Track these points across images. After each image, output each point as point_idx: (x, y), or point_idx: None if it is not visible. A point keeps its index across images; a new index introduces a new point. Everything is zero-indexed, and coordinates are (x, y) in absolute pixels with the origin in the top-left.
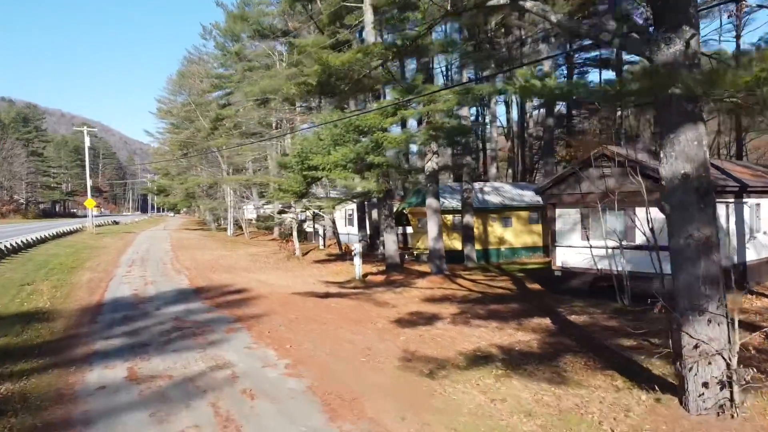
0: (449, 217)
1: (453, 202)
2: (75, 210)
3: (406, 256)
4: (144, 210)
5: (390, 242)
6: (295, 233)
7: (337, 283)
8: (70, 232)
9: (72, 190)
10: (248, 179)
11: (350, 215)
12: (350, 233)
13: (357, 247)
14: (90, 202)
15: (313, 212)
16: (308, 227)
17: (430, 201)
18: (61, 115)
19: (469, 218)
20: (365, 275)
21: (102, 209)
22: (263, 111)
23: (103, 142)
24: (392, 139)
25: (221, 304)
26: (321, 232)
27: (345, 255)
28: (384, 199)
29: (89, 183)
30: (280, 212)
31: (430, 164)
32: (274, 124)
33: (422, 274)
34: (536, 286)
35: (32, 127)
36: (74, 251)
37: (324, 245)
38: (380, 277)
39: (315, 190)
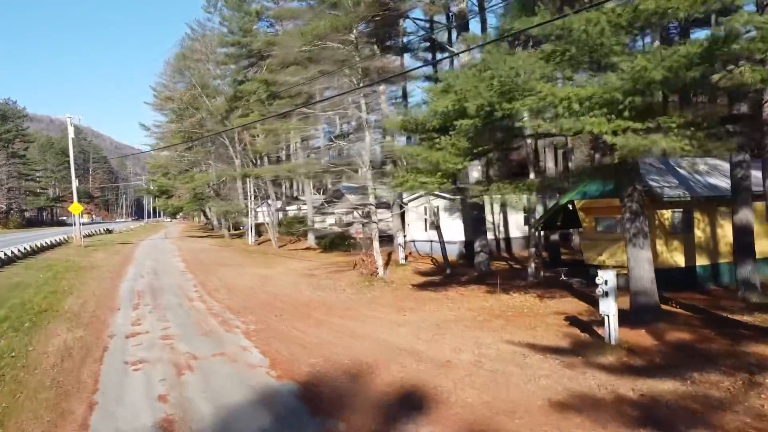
0: (665, 213)
1: (670, 189)
2: (64, 218)
3: (564, 276)
4: (139, 216)
5: (641, 259)
6: (376, 244)
7: (566, 354)
8: (52, 246)
9: (59, 196)
10: (313, 167)
11: (435, 216)
12: (434, 239)
13: (609, 277)
14: (76, 207)
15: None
16: (355, 232)
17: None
18: (50, 121)
19: (745, 214)
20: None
21: (93, 216)
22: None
23: (93, 145)
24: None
25: None
26: (401, 240)
27: (446, 273)
28: (631, 177)
29: (75, 183)
30: (361, 217)
31: None
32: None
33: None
34: None
35: (12, 126)
36: (51, 277)
37: (405, 258)
38: (647, 339)
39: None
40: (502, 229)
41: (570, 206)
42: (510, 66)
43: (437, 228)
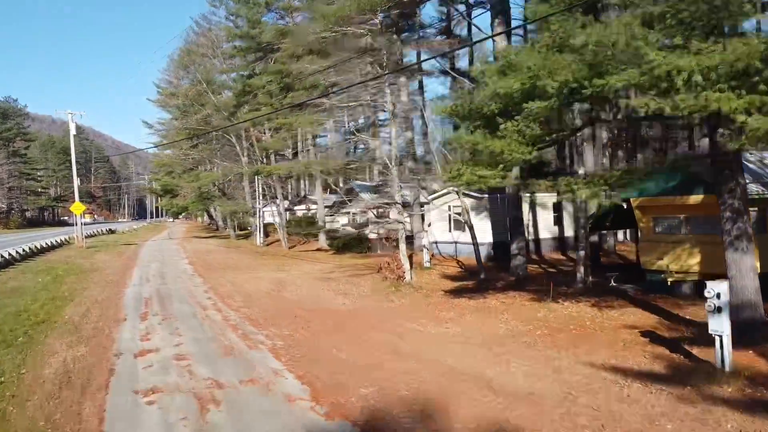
0: None
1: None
2: (66, 218)
3: (615, 282)
4: (141, 216)
5: (744, 266)
6: (403, 246)
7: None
8: (53, 247)
9: (61, 195)
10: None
11: (458, 215)
12: (459, 241)
13: (722, 290)
14: (78, 207)
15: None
16: (371, 233)
17: None
18: (52, 122)
19: None
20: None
21: (95, 216)
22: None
23: (95, 145)
24: None
25: None
26: (425, 241)
27: (480, 277)
28: (733, 170)
29: (76, 182)
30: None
31: None
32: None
33: None
34: None
35: (12, 124)
36: (51, 281)
37: (429, 261)
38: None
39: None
40: (531, 229)
41: (624, 205)
42: (599, 34)
43: (470, 228)
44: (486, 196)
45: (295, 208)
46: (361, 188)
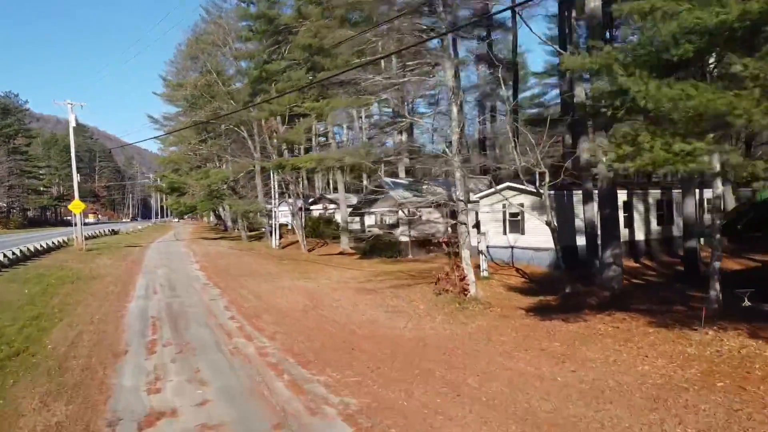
0: None
1: None
2: (69, 217)
3: (749, 301)
4: (145, 216)
5: None
6: (466, 253)
7: None
8: (49, 250)
9: (63, 194)
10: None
11: (514, 215)
12: (516, 245)
13: None
14: (77, 205)
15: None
16: (402, 235)
17: None
18: (57, 122)
19: None
20: None
21: (99, 216)
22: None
23: (100, 144)
24: None
25: None
26: (482, 245)
27: (564, 290)
28: None
29: (76, 178)
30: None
31: None
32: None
33: None
34: None
35: (13, 120)
36: (40, 292)
37: (486, 269)
38: None
39: None
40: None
41: None
42: None
43: (552, 230)
44: (551, 192)
45: (312, 207)
46: (391, 185)
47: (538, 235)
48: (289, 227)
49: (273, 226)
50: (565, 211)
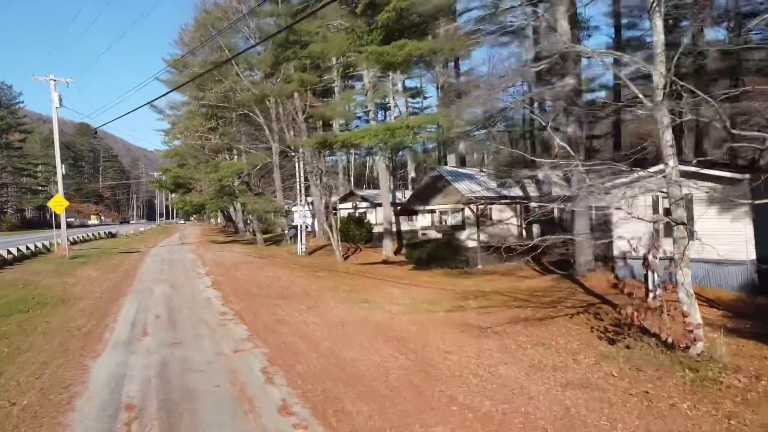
0: None
1: None
2: (71, 219)
3: None
4: (150, 218)
5: None
6: (686, 275)
7: None
8: (23, 258)
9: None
10: None
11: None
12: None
13: None
14: (58, 202)
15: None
16: (470, 239)
17: None
18: (63, 124)
19: None
20: None
21: (102, 217)
22: None
23: (104, 143)
24: None
25: None
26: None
27: None
28: None
29: (60, 169)
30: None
31: None
32: None
33: None
34: None
35: (5, 113)
36: None
37: (654, 295)
38: None
39: None
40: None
41: None
42: None
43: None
44: (746, 176)
45: (340, 206)
46: (453, 176)
47: (721, 241)
48: (309, 230)
49: (299, 228)
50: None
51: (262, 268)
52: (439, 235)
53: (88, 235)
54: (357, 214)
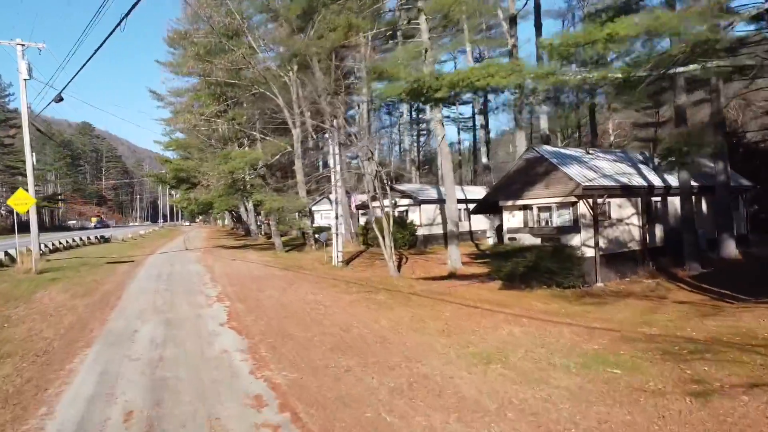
0: None
1: None
2: (73, 221)
3: None
4: (155, 219)
5: None
6: None
7: None
8: None
9: (54, 193)
10: None
11: None
12: None
13: None
14: (21, 199)
15: None
16: (585, 245)
17: None
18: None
19: None
20: None
21: (104, 219)
22: None
23: (107, 143)
24: None
25: None
26: None
27: None
28: None
29: (30, 158)
30: None
31: None
32: None
33: None
34: None
35: None
36: None
37: None
38: None
39: None
40: None
41: None
42: None
43: None
44: None
45: (373, 204)
46: (560, 158)
47: None
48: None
49: (336, 230)
50: None
51: (294, 286)
52: (536, 240)
53: (73, 240)
54: (396, 213)
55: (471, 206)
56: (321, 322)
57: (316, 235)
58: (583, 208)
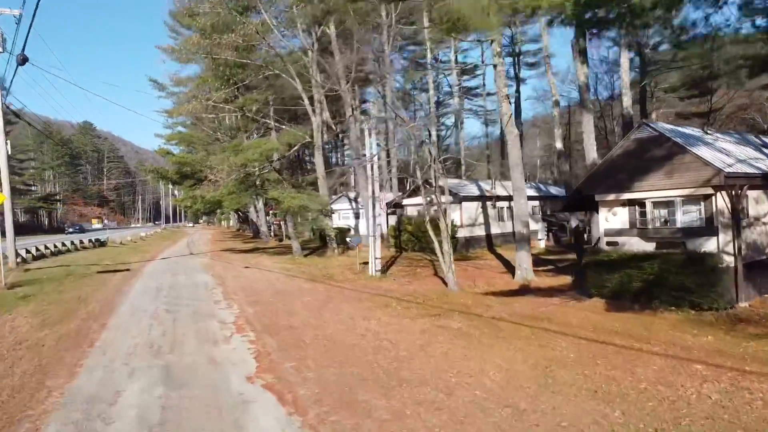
0: None
1: None
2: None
3: None
4: (158, 220)
5: None
6: None
7: None
8: None
9: (50, 194)
10: None
11: None
12: None
13: None
14: None
15: None
16: (721, 251)
17: None
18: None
19: None
20: None
21: (106, 220)
22: None
23: (109, 143)
24: None
25: None
26: None
27: None
28: None
29: (3, 146)
30: None
31: None
32: None
33: None
34: None
35: None
36: None
37: None
38: None
39: None
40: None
41: None
42: None
43: None
44: None
45: (405, 202)
46: (685, 138)
47: None
48: (352, 232)
49: (373, 232)
50: None
51: (332, 305)
52: (647, 246)
53: (63, 245)
54: (432, 213)
55: (501, 204)
56: (399, 375)
57: (348, 239)
58: (720, 202)
